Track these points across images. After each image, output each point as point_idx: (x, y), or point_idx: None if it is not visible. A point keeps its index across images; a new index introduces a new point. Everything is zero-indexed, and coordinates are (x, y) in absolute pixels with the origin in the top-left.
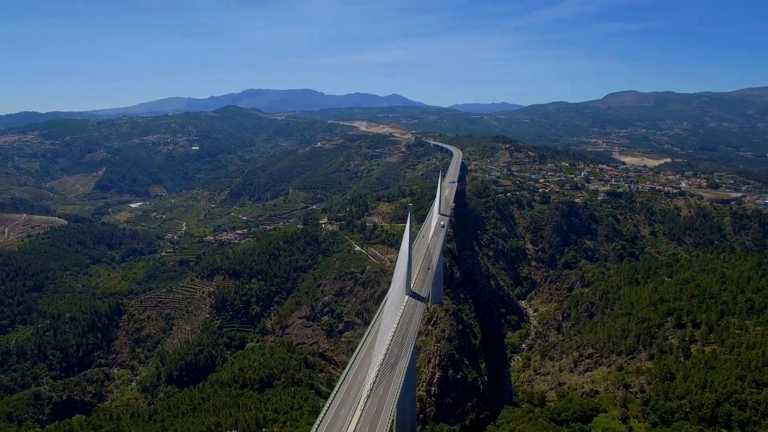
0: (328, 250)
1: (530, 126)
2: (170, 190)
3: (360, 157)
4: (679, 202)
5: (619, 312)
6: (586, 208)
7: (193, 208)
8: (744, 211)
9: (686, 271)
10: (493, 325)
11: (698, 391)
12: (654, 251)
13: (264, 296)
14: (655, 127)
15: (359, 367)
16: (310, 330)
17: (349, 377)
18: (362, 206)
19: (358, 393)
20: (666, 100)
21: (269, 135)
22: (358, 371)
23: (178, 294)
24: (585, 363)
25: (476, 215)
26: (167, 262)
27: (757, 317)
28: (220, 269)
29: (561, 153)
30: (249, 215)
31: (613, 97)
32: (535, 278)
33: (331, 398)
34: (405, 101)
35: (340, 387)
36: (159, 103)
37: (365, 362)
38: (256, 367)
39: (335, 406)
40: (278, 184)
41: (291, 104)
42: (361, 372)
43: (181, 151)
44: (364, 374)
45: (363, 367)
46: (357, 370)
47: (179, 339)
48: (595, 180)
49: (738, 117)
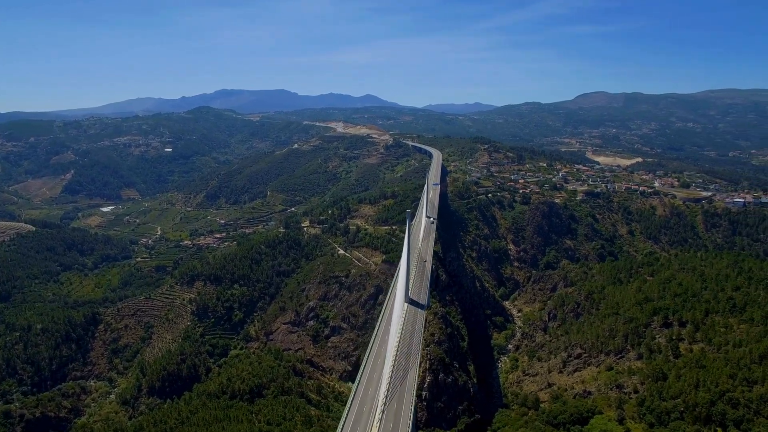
0: (311, 254)
1: (504, 126)
2: (143, 193)
3: (338, 159)
4: (654, 201)
5: (605, 312)
6: (566, 208)
7: (168, 212)
8: (715, 209)
9: (667, 270)
10: (479, 326)
11: (692, 391)
12: (632, 250)
13: (247, 302)
14: (625, 127)
15: (368, 382)
16: (295, 336)
17: (360, 392)
18: (344, 209)
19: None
20: (634, 100)
21: (244, 136)
22: (368, 385)
23: (157, 301)
24: (574, 363)
25: (459, 216)
26: (143, 267)
27: (740, 315)
28: (200, 275)
29: (538, 153)
30: (227, 218)
31: (584, 97)
32: (518, 279)
33: (344, 417)
34: (379, 102)
35: (352, 404)
36: (128, 104)
37: (373, 375)
38: (245, 377)
39: (350, 424)
40: (255, 186)
41: (265, 105)
42: (371, 386)
43: (154, 153)
44: (373, 388)
45: (372, 381)
46: (366, 384)
47: (160, 348)
48: (573, 180)
49: (701, 118)
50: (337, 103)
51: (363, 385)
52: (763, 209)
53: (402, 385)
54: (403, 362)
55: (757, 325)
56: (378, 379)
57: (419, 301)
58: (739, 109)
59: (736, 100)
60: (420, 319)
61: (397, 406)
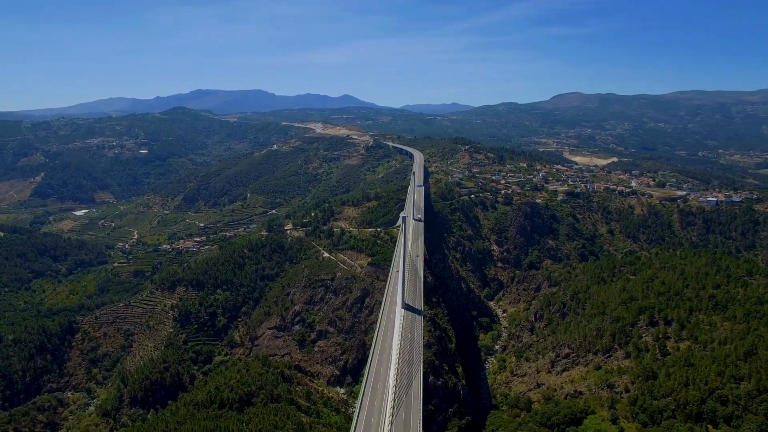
0: (295, 258)
1: (482, 126)
2: (118, 196)
3: (318, 160)
4: (632, 201)
5: (592, 312)
6: (548, 208)
7: (144, 215)
8: (689, 208)
9: (648, 269)
10: (466, 327)
11: (682, 389)
12: (612, 249)
13: (230, 307)
14: (600, 127)
15: (373, 392)
16: (281, 341)
17: (366, 404)
18: (327, 211)
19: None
20: (608, 101)
21: (222, 137)
22: (373, 396)
23: (137, 308)
24: (562, 363)
25: (442, 218)
26: (120, 273)
27: (723, 313)
28: (181, 280)
29: (518, 154)
30: (206, 221)
31: (560, 98)
32: (502, 279)
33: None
34: (357, 102)
35: (359, 417)
36: (100, 104)
37: (377, 386)
38: (234, 385)
39: None
40: (235, 188)
41: (242, 105)
42: (376, 396)
43: (129, 155)
44: (379, 399)
45: (377, 391)
46: (371, 395)
47: (141, 356)
48: (553, 180)
49: (671, 118)
50: (314, 103)
51: (368, 396)
52: (734, 208)
53: (408, 394)
54: (406, 370)
55: (740, 323)
56: (383, 389)
57: (415, 307)
58: (707, 110)
59: (703, 101)
60: (418, 325)
61: (405, 417)
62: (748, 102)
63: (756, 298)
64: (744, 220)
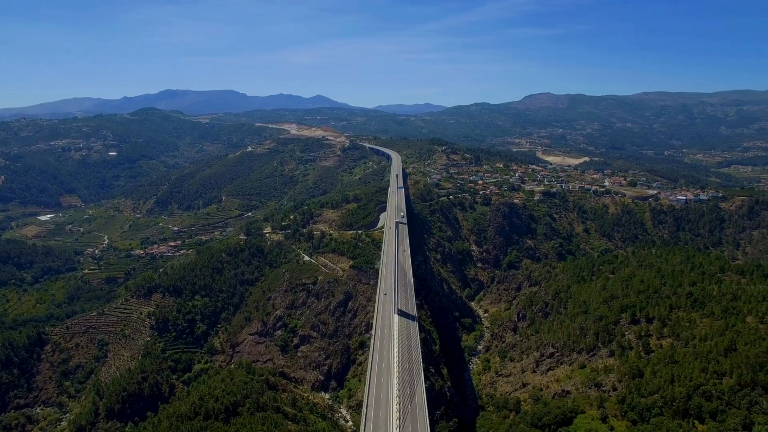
0: (275, 261)
1: (456, 127)
2: (86, 200)
3: (294, 162)
4: (606, 200)
5: (574, 311)
6: (525, 208)
7: (115, 219)
8: (661, 207)
9: (626, 268)
10: (449, 329)
11: (668, 386)
12: (588, 247)
13: (210, 313)
14: (571, 127)
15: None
16: (262, 346)
17: (371, 416)
18: (306, 214)
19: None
20: (578, 101)
21: (193, 139)
22: (377, 407)
23: (111, 316)
24: (547, 362)
25: (422, 219)
26: (91, 280)
27: (701, 310)
28: (158, 286)
29: (494, 154)
30: (180, 225)
31: (531, 98)
32: (482, 279)
33: None
34: (330, 102)
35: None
36: (63, 104)
37: (380, 395)
38: (219, 395)
39: None
40: (209, 191)
41: (213, 106)
42: (381, 407)
43: (97, 157)
44: (384, 410)
45: (381, 402)
46: (375, 406)
47: (117, 367)
48: (530, 180)
49: (638, 118)
50: (287, 104)
51: (372, 407)
52: (701, 206)
53: (412, 404)
54: (408, 379)
55: (718, 319)
56: (386, 400)
57: (408, 312)
58: (670, 111)
59: (667, 101)
60: (414, 331)
61: (411, 429)
62: (708, 103)
63: (731, 295)
64: (711, 217)
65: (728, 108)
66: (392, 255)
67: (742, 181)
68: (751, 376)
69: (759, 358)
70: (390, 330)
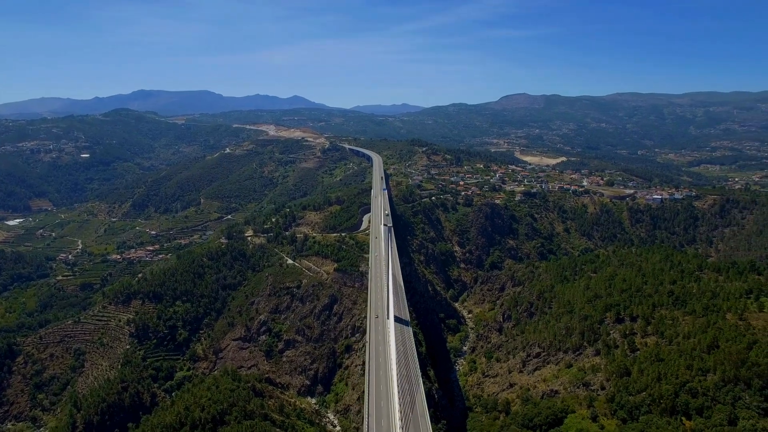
0: (257, 265)
1: (434, 127)
2: (58, 204)
3: (274, 163)
4: (585, 200)
5: (559, 311)
6: (507, 208)
7: (89, 223)
8: (638, 206)
9: (608, 267)
10: (434, 330)
11: (655, 384)
12: (569, 247)
13: (191, 319)
14: (547, 127)
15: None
16: (246, 352)
17: (372, 426)
18: (288, 216)
19: None
20: (554, 102)
21: (169, 140)
22: (379, 416)
23: (88, 324)
24: (533, 362)
25: (405, 221)
26: (65, 287)
27: (683, 308)
28: (137, 293)
29: (474, 155)
30: (158, 229)
31: (508, 99)
32: (465, 280)
33: None
34: (307, 103)
35: None
36: (30, 104)
37: (381, 403)
38: (205, 404)
39: None
40: (187, 193)
41: (188, 106)
42: (382, 417)
43: (68, 159)
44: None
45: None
46: (377, 415)
47: (95, 377)
48: (510, 181)
49: (612, 119)
50: (264, 104)
51: (373, 417)
52: (676, 205)
53: (414, 412)
54: (407, 387)
55: (700, 317)
56: (387, 408)
57: (401, 317)
58: (642, 111)
59: (639, 102)
60: (408, 337)
61: None
62: (677, 104)
63: (710, 293)
64: (686, 216)
65: (696, 109)
66: (381, 259)
67: (711, 179)
68: (734, 372)
69: (741, 354)
70: (385, 336)
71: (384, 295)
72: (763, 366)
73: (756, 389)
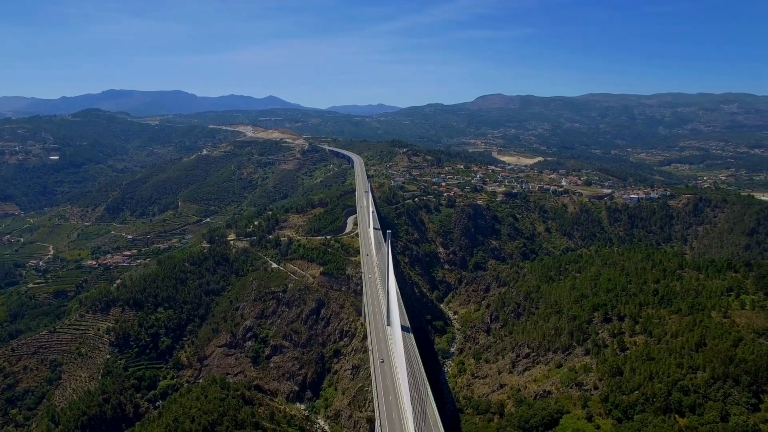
0: (241, 270)
1: (411, 127)
2: (26, 208)
3: (252, 165)
4: (565, 199)
5: (547, 311)
6: (489, 209)
7: (60, 228)
8: (615, 205)
9: (592, 266)
10: (422, 332)
11: (647, 383)
12: (550, 246)
13: (174, 326)
14: (523, 127)
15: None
16: (232, 359)
17: None
18: (271, 219)
19: None
20: (529, 102)
21: (143, 141)
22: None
23: (64, 334)
24: (523, 363)
25: (389, 222)
26: (37, 295)
27: (669, 307)
28: (117, 300)
29: (454, 156)
30: (135, 233)
31: (484, 99)
32: (450, 281)
33: None
34: (283, 103)
35: None
36: None
37: (392, 415)
38: (195, 414)
39: None
40: (164, 196)
41: (161, 107)
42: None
43: (36, 162)
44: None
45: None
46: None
47: (74, 389)
48: (491, 181)
49: (585, 119)
50: (239, 104)
51: (386, 428)
52: (652, 204)
53: (426, 422)
54: (417, 396)
55: (686, 315)
56: (399, 420)
57: (404, 324)
58: (614, 112)
59: (611, 103)
60: (412, 344)
61: None
62: (647, 105)
63: (693, 291)
64: (661, 215)
65: (665, 110)
66: (374, 262)
67: (681, 178)
68: (723, 369)
69: (728, 352)
70: (387, 344)
71: (381, 301)
72: (750, 363)
73: (744, 385)
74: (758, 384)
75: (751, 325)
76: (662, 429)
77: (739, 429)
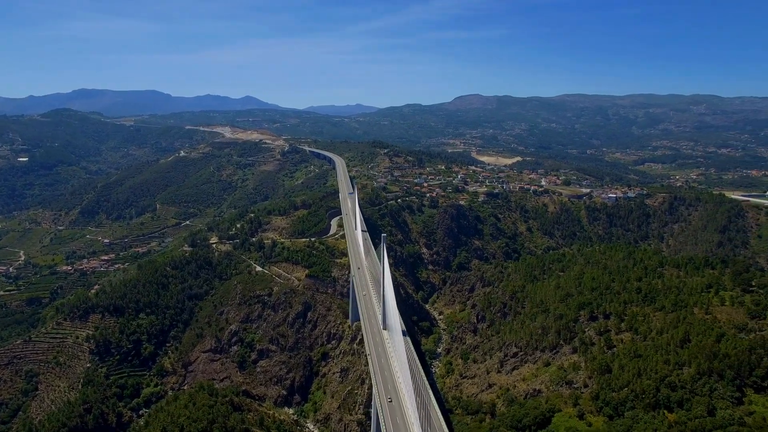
0: (225, 273)
1: (390, 128)
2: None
3: (232, 167)
4: (546, 199)
5: (533, 310)
6: (471, 209)
7: (32, 232)
8: (594, 204)
9: (575, 266)
10: (409, 333)
11: (636, 380)
12: (532, 246)
13: (157, 332)
14: (500, 127)
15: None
16: (218, 364)
17: None
18: (254, 222)
19: None
20: (506, 103)
21: (117, 143)
22: None
23: (40, 343)
24: (511, 362)
25: (372, 223)
26: (9, 303)
27: (653, 304)
28: (96, 306)
29: (435, 156)
30: (111, 237)
31: (461, 99)
32: (434, 281)
33: None
34: (260, 104)
35: None
36: None
37: (397, 420)
38: (183, 423)
39: None
40: (141, 199)
41: (135, 107)
42: None
43: (3, 164)
44: None
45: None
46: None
47: (52, 400)
48: (472, 182)
49: (561, 119)
50: (215, 105)
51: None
52: (630, 203)
53: (431, 426)
54: (419, 400)
55: (670, 312)
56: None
57: (396, 327)
58: (589, 112)
59: (586, 103)
60: (410, 348)
61: None
62: (620, 105)
63: (675, 288)
64: (639, 214)
65: (637, 110)
66: (363, 265)
67: (655, 177)
68: (708, 364)
69: (712, 347)
70: (384, 348)
71: (375, 304)
72: (733, 357)
73: (728, 380)
74: (741, 378)
75: (731, 320)
76: (652, 425)
77: (726, 422)
